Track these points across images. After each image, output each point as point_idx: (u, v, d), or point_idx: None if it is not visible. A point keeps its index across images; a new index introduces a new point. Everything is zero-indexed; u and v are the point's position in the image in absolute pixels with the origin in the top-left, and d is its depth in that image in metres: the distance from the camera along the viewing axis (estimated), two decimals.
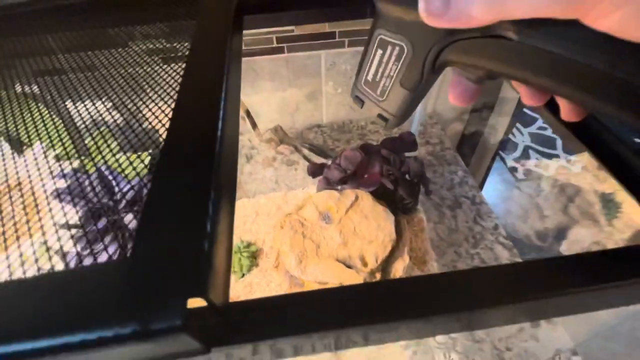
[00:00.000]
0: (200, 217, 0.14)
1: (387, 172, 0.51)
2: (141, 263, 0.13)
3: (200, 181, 0.15)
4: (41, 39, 0.34)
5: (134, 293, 0.12)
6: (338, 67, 0.73)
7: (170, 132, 0.18)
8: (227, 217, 0.16)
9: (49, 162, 0.31)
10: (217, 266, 0.14)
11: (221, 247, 0.15)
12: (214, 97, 0.20)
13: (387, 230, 0.46)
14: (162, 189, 0.15)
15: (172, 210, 0.14)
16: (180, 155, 0.17)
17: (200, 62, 0.23)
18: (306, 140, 0.77)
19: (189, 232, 0.14)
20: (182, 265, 0.13)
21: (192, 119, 0.19)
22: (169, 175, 0.16)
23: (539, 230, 0.56)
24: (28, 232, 0.27)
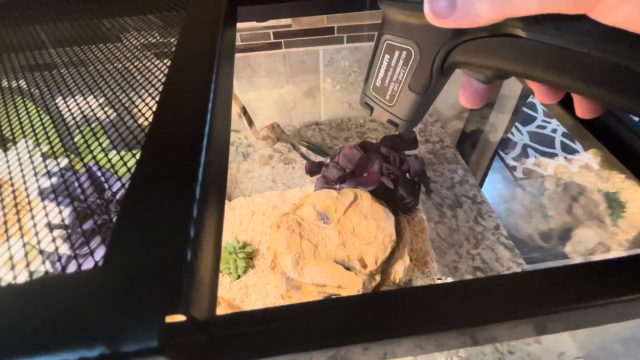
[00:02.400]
0: (182, 220, 0.13)
1: (387, 170, 0.50)
2: (113, 273, 0.11)
3: (184, 181, 0.14)
4: (26, 29, 0.32)
5: (103, 309, 0.11)
6: (336, 63, 0.71)
7: (152, 129, 0.16)
8: (214, 221, 0.15)
9: (35, 160, 0.29)
10: (202, 276, 0.12)
11: (207, 254, 0.13)
12: (202, 93, 0.18)
13: (387, 231, 0.44)
14: (141, 189, 0.14)
15: (151, 212, 0.13)
16: (163, 153, 0.15)
17: (189, 56, 0.21)
18: (304, 138, 0.75)
19: (169, 237, 0.12)
20: (160, 275, 0.11)
21: (177, 116, 0.17)
22: (149, 174, 0.14)
23: (543, 230, 0.55)
24: (5, 233, 0.25)
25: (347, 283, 0.40)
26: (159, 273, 0.11)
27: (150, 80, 0.24)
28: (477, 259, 0.58)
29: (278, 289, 0.45)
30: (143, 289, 0.11)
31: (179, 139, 0.16)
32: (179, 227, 0.12)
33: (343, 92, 0.77)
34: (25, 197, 0.30)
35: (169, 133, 0.16)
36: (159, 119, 0.17)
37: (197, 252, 0.12)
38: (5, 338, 0.10)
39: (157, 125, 0.16)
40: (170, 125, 0.17)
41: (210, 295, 0.13)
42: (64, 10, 0.31)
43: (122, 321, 0.10)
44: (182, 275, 0.11)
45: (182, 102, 0.18)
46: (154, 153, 0.15)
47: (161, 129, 0.16)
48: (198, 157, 0.15)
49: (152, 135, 0.16)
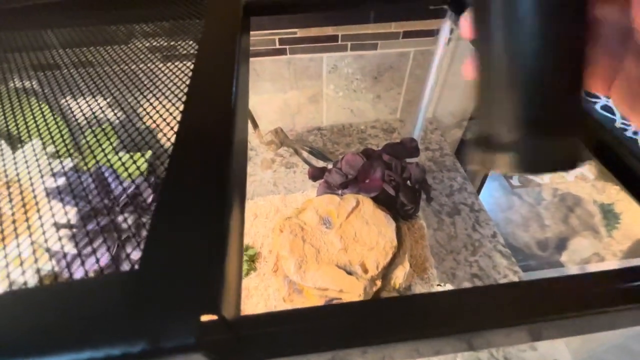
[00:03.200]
0: (213, 223, 0.13)
1: (389, 177, 0.51)
2: (150, 275, 0.12)
3: (214, 183, 0.15)
4: (44, 34, 0.33)
5: (143, 308, 0.11)
6: (340, 70, 0.72)
7: (180, 133, 0.17)
8: (238, 222, 0.16)
9: (44, 160, 0.30)
10: (230, 277, 0.13)
11: (233, 255, 0.14)
12: (226, 98, 0.19)
13: (388, 237, 0.45)
14: (173, 195, 0.14)
15: (183, 217, 0.14)
16: (192, 158, 0.16)
17: (210, 61, 0.22)
18: (306, 143, 0.76)
19: (201, 240, 0.13)
20: (195, 276, 0.12)
21: (203, 120, 0.18)
22: (180, 180, 0.15)
23: (540, 239, 0.56)
24: (14, 232, 0.26)
25: (348, 287, 0.41)
26: (193, 274, 0.12)
27: (167, 84, 0.24)
28: (474, 266, 0.59)
29: (280, 292, 0.46)
30: (179, 289, 0.12)
31: (207, 142, 0.17)
32: (210, 230, 0.13)
33: (345, 98, 0.78)
34: (34, 197, 0.31)
35: (196, 135, 0.17)
36: (186, 121, 0.18)
37: (226, 254, 0.13)
38: (52, 334, 0.11)
39: (185, 127, 0.17)
40: (197, 128, 0.17)
41: (236, 295, 0.14)
42: (90, 15, 0.32)
43: (161, 320, 0.11)
44: (214, 276, 0.12)
45: (207, 106, 0.19)
46: (184, 155, 0.16)
47: (189, 130, 0.17)
48: (226, 159, 0.16)
49: (181, 138, 0.17)
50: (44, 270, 0.41)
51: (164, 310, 0.11)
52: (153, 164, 0.43)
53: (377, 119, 0.83)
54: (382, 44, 0.68)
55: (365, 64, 0.72)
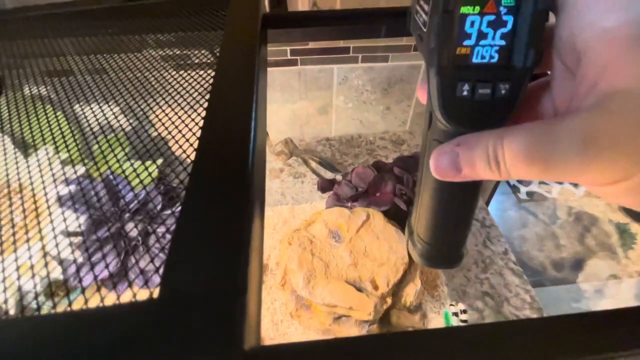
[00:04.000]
0: (235, 251, 0.13)
1: (400, 191, 0.50)
2: (168, 305, 0.11)
3: (235, 207, 0.14)
4: (58, 43, 0.33)
5: (159, 341, 0.11)
6: (350, 82, 0.72)
7: (201, 145, 0.17)
8: (258, 250, 0.15)
9: (54, 167, 0.30)
10: (250, 307, 0.13)
11: (253, 283, 0.13)
12: (247, 108, 0.19)
13: (399, 253, 0.44)
14: (193, 216, 0.14)
15: (204, 241, 0.13)
16: (213, 177, 0.15)
17: (231, 72, 0.22)
18: (314, 153, 0.76)
19: (222, 268, 0.12)
20: (215, 308, 0.11)
21: (224, 132, 0.18)
22: (201, 199, 0.14)
23: (555, 259, 0.55)
24: (26, 238, 0.25)
25: (358, 305, 0.40)
26: (214, 305, 0.11)
27: (191, 92, 0.24)
28: (485, 284, 0.57)
29: (287, 307, 0.45)
30: (199, 322, 0.11)
31: (228, 155, 0.16)
32: (232, 259, 0.13)
33: (355, 109, 0.78)
34: (40, 203, 0.30)
35: (217, 147, 0.17)
36: (207, 133, 0.17)
37: (247, 284, 0.12)
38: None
39: (206, 139, 0.17)
40: (218, 140, 0.17)
41: (256, 326, 0.13)
42: (109, 25, 0.32)
43: (179, 354, 0.10)
44: (235, 307, 0.12)
45: (229, 117, 0.19)
46: (205, 175, 0.16)
47: (210, 143, 0.17)
48: (246, 182, 0.15)
49: (202, 150, 0.16)
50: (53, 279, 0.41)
51: (182, 344, 0.11)
52: (164, 172, 0.43)
53: (386, 131, 0.83)
54: (393, 57, 0.68)
55: (375, 75, 0.71)
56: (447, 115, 0.14)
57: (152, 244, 0.45)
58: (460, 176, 0.14)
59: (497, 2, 0.13)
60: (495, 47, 0.13)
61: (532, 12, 0.13)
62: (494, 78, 0.14)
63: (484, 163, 0.13)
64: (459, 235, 0.19)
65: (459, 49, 0.13)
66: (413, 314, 0.45)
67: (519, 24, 0.13)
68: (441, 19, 0.13)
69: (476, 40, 0.13)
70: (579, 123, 0.12)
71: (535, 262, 0.57)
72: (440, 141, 0.16)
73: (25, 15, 0.38)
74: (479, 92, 0.14)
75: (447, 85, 0.14)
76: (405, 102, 0.77)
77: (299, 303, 0.44)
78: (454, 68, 0.14)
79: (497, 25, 0.13)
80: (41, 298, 0.38)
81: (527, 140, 0.12)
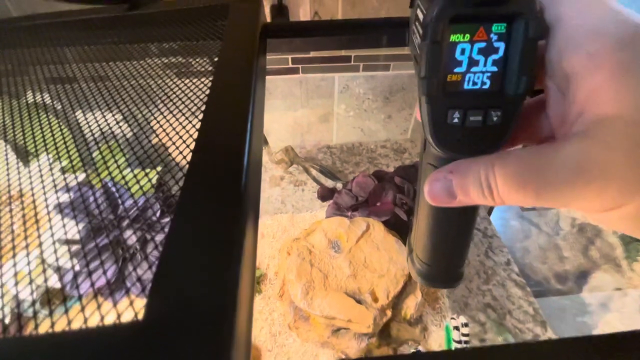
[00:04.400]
0: (224, 270, 0.12)
1: (401, 201, 0.49)
2: (154, 327, 0.11)
3: (227, 220, 0.14)
4: (61, 51, 0.33)
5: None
6: (351, 90, 0.72)
7: (195, 153, 0.17)
8: (249, 267, 0.14)
9: (54, 174, 0.29)
10: (240, 327, 0.12)
11: (243, 302, 0.13)
12: (243, 118, 0.19)
13: (400, 264, 0.44)
14: (183, 231, 0.13)
15: (192, 259, 0.13)
16: (205, 184, 0.15)
17: (228, 82, 0.22)
18: (315, 161, 0.75)
19: (210, 288, 0.12)
20: (201, 330, 0.11)
21: (219, 140, 0.18)
22: (191, 213, 0.14)
23: (558, 272, 0.54)
24: (25, 245, 0.25)
25: (357, 317, 0.39)
26: (200, 327, 0.11)
27: (188, 101, 0.24)
28: (487, 295, 0.57)
29: (285, 318, 0.44)
30: (184, 344, 0.11)
31: (222, 164, 0.16)
32: (222, 276, 0.12)
33: (356, 118, 0.77)
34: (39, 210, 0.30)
35: (211, 156, 0.17)
36: (202, 141, 0.17)
37: (236, 305, 0.12)
38: None
39: (200, 147, 0.17)
40: (213, 148, 0.17)
41: (246, 347, 0.13)
42: (110, 34, 0.32)
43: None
44: (223, 329, 0.11)
45: (224, 127, 0.18)
46: (197, 185, 0.15)
47: (204, 150, 0.17)
48: (239, 189, 0.15)
49: (196, 158, 0.16)
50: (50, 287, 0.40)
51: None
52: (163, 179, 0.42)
53: (387, 139, 0.83)
54: (395, 66, 0.68)
55: (377, 84, 0.71)
56: (439, 142, 0.14)
57: (149, 252, 0.45)
58: (454, 202, 0.14)
59: (488, 29, 0.13)
60: (487, 73, 0.13)
61: (523, 39, 0.12)
62: (485, 105, 0.13)
63: (477, 190, 0.13)
64: (457, 256, 0.19)
65: (449, 77, 0.13)
66: (413, 327, 0.44)
67: (511, 50, 0.13)
68: (430, 49, 0.13)
69: (467, 67, 0.13)
70: (569, 151, 0.12)
71: (538, 275, 0.56)
72: (434, 165, 0.16)
73: (29, 23, 0.38)
74: (470, 120, 0.14)
75: (437, 113, 0.14)
76: (407, 110, 0.77)
77: (298, 314, 0.43)
78: (445, 96, 0.13)
79: (488, 52, 0.13)
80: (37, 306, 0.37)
81: (518, 168, 0.12)
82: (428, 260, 0.19)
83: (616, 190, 0.11)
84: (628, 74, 0.11)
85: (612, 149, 0.11)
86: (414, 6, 0.15)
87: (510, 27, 0.13)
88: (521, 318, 0.53)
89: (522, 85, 0.13)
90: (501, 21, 0.13)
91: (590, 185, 0.11)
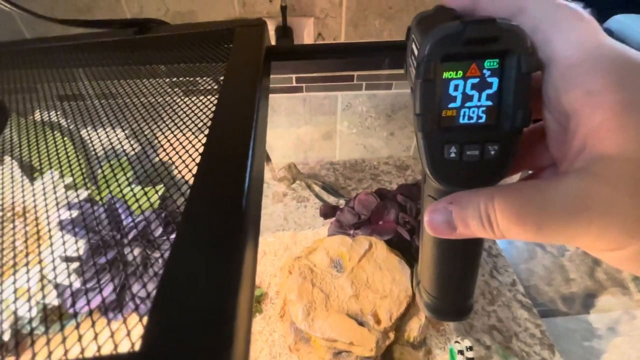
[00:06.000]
0: (224, 297, 0.12)
1: (403, 220, 0.49)
2: (153, 352, 0.11)
3: (228, 238, 0.14)
4: (70, 71, 0.34)
5: None
6: (354, 108, 0.73)
7: (199, 172, 0.17)
8: (249, 281, 0.14)
9: (58, 192, 0.30)
10: (238, 349, 0.12)
11: (242, 330, 0.13)
12: (245, 142, 0.19)
13: (403, 285, 0.43)
14: (182, 251, 0.14)
15: (191, 284, 0.13)
16: (208, 202, 0.15)
17: (232, 104, 0.23)
18: (318, 178, 0.76)
19: (209, 315, 0.12)
20: (202, 344, 0.11)
21: (222, 159, 0.18)
22: (192, 229, 0.14)
23: (565, 294, 0.53)
24: (26, 262, 0.25)
25: (359, 340, 0.38)
26: (198, 341, 0.11)
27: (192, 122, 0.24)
28: (492, 317, 0.55)
29: (286, 340, 0.43)
30: None
31: (223, 182, 0.16)
32: (220, 304, 0.12)
33: (359, 135, 0.78)
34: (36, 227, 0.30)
35: (214, 175, 0.17)
36: (205, 162, 0.18)
37: (234, 337, 0.12)
38: None
39: (204, 167, 0.17)
40: (215, 167, 0.17)
41: None
42: (119, 56, 0.33)
43: None
44: (221, 341, 0.11)
45: (227, 148, 0.19)
46: (200, 203, 0.15)
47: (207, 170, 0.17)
48: (240, 213, 0.15)
49: (199, 177, 0.16)
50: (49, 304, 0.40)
51: None
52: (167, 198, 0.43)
53: (390, 156, 0.83)
54: (397, 84, 0.69)
55: (379, 102, 0.72)
56: (437, 176, 0.14)
57: (150, 271, 0.45)
58: (455, 234, 0.14)
59: (480, 65, 0.13)
60: (482, 107, 0.13)
61: (515, 74, 0.13)
62: (482, 139, 0.13)
63: (477, 222, 0.13)
64: (464, 288, 0.19)
65: (444, 112, 0.13)
66: (417, 350, 0.43)
67: (504, 85, 0.13)
68: (423, 87, 0.13)
69: (462, 102, 0.13)
70: (570, 186, 0.11)
71: (544, 296, 0.55)
72: (434, 197, 0.16)
73: (41, 45, 0.39)
74: (467, 154, 0.14)
75: (434, 148, 0.14)
76: (409, 128, 0.78)
77: (298, 336, 0.42)
78: (440, 131, 0.14)
79: (482, 87, 0.13)
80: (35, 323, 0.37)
81: (518, 203, 0.12)
82: (435, 293, 0.19)
83: (619, 230, 0.11)
84: (629, 113, 0.11)
85: (614, 187, 0.11)
86: (410, 39, 0.16)
87: (502, 62, 0.13)
88: (528, 341, 0.52)
89: (518, 119, 0.13)
90: (493, 57, 0.13)
91: (592, 223, 0.11)
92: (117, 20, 0.34)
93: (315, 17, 0.58)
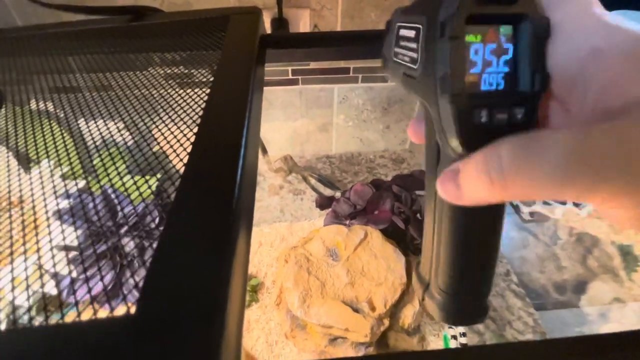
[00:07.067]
0: (216, 270, 0.13)
1: (399, 209, 0.50)
2: (146, 321, 0.11)
3: (219, 226, 0.14)
4: (65, 59, 0.34)
5: (138, 356, 0.10)
6: (350, 101, 0.73)
7: (190, 160, 0.17)
8: (242, 268, 0.15)
9: (55, 181, 0.30)
10: (230, 327, 0.12)
11: (235, 303, 0.13)
12: (238, 127, 0.19)
13: (398, 273, 0.43)
14: (176, 231, 0.14)
15: (186, 258, 0.13)
16: (199, 190, 0.15)
17: (225, 91, 0.23)
18: (314, 170, 0.76)
19: (203, 285, 0.12)
20: (192, 327, 0.11)
21: (214, 148, 0.18)
22: (185, 214, 0.14)
23: (557, 281, 0.53)
24: (24, 251, 0.25)
25: (354, 326, 0.39)
26: (191, 324, 0.11)
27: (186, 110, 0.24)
28: None
29: (282, 327, 0.44)
30: (176, 339, 0.11)
31: (216, 171, 0.16)
32: (213, 276, 0.12)
33: (355, 128, 0.78)
34: (45, 217, 0.30)
35: (206, 164, 0.17)
36: (197, 149, 0.18)
37: (227, 304, 0.12)
38: None
39: (196, 155, 0.17)
40: (207, 156, 0.17)
41: (236, 347, 0.13)
42: (114, 44, 0.33)
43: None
44: (214, 327, 0.11)
45: (220, 135, 0.19)
46: (191, 187, 0.16)
47: (200, 158, 0.17)
48: (232, 197, 0.15)
49: (191, 165, 0.17)
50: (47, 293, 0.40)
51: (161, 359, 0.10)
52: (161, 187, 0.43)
53: (386, 149, 0.83)
54: None
55: (375, 95, 0.73)
56: (466, 143, 0.14)
57: (147, 259, 0.45)
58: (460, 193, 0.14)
59: (496, 31, 0.13)
60: (500, 74, 0.13)
61: (529, 39, 0.13)
62: (509, 103, 0.13)
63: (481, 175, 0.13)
64: (484, 278, 0.17)
65: (467, 77, 0.13)
66: (411, 337, 0.44)
67: (520, 50, 0.13)
68: (453, 44, 0.13)
69: (482, 68, 0.13)
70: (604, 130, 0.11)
71: (536, 284, 0.55)
72: None
73: (34, 32, 0.39)
74: (497, 118, 0.13)
75: (463, 112, 0.13)
76: (405, 121, 0.78)
77: (294, 323, 0.43)
78: (467, 96, 0.13)
79: (499, 53, 0.13)
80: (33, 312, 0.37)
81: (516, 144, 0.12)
82: (451, 288, 0.18)
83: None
84: None
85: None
86: (392, 29, 0.16)
87: (516, 28, 0.13)
88: (521, 329, 0.53)
89: (537, 82, 0.13)
90: (508, 23, 0.13)
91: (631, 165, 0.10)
92: (112, 7, 0.34)
93: (312, 8, 0.58)
